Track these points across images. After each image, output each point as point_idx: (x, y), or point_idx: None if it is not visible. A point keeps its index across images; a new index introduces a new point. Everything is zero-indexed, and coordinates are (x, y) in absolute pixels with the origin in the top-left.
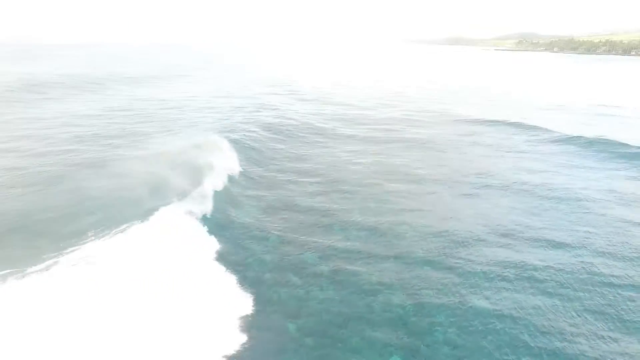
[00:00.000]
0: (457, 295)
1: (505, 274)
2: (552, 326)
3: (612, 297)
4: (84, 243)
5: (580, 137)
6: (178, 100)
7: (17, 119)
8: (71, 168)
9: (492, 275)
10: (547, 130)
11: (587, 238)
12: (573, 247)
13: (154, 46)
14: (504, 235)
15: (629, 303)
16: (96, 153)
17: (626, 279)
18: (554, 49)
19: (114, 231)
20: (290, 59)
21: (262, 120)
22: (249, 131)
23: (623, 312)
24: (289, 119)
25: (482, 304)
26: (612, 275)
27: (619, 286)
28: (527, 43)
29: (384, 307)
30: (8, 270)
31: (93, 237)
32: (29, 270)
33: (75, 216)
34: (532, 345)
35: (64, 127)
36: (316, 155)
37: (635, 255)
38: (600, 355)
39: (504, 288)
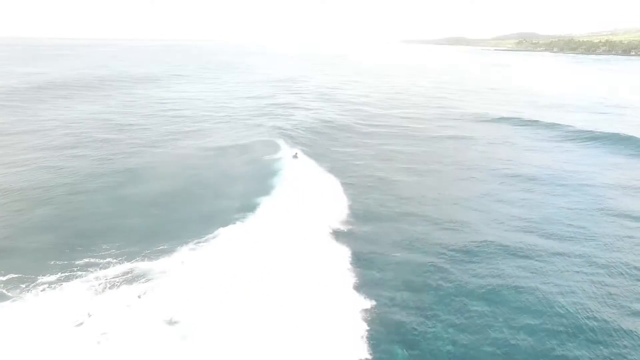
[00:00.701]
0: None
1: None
2: (549, 306)
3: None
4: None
5: (592, 132)
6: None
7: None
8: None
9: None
10: (565, 126)
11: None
12: (580, 239)
13: (162, 45)
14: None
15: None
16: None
17: (622, 267)
18: (554, 49)
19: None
20: (299, 60)
21: (319, 118)
22: (302, 130)
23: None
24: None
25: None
26: (610, 265)
27: (615, 275)
28: (527, 43)
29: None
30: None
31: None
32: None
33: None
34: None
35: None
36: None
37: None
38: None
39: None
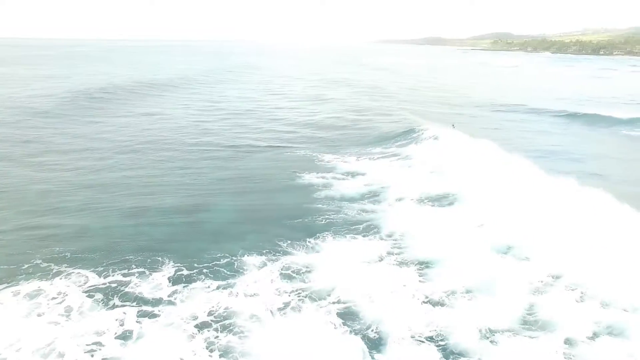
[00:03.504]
0: None
1: None
2: None
3: None
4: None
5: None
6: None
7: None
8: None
9: None
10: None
11: None
12: None
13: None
14: None
15: None
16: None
17: None
18: (528, 49)
19: None
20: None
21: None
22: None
23: None
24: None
25: None
26: None
27: None
28: (502, 43)
29: None
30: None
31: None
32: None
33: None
34: None
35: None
36: None
37: None
38: None
39: None
